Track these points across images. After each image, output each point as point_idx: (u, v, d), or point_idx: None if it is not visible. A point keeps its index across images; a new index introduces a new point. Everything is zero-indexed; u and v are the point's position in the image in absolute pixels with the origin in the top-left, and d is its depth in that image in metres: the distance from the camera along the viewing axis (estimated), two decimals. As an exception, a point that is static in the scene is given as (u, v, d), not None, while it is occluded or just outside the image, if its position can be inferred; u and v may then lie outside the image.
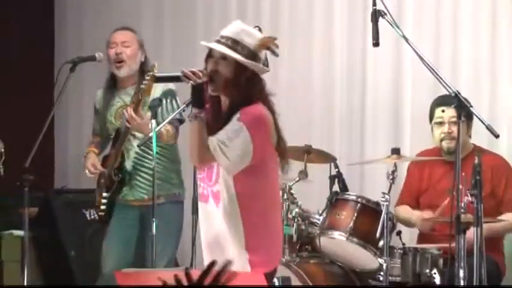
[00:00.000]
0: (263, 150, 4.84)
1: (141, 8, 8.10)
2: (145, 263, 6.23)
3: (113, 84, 6.58)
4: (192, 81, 4.78)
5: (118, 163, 6.37)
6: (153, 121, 5.74)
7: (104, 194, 6.44)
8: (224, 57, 4.82)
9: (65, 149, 8.02)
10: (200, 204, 5.08)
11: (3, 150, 6.60)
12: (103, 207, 6.45)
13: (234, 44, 4.88)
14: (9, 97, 7.60)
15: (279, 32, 7.11)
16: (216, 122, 4.85)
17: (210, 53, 4.90)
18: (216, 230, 4.98)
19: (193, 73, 4.75)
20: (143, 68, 6.39)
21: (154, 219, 5.87)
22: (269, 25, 6.91)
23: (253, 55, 4.87)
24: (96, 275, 6.61)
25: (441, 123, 6.05)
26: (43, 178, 7.24)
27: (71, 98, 7.24)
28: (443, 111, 6.01)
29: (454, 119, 5.88)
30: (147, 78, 5.82)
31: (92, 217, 7.20)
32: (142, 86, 5.88)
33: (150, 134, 5.82)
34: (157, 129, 5.82)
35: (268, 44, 4.93)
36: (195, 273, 4.72)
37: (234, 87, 4.86)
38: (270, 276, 4.95)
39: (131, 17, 7.94)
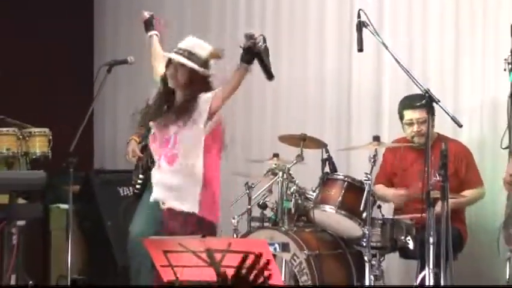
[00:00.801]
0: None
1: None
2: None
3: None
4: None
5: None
6: None
7: (140, 176, 6.48)
8: (182, 64, 5.28)
9: (102, 136, 8.00)
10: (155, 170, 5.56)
11: (51, 137, 6.66)
12: (138, 186, 6.48)
13: (190, 55, 5.34)
14: (56, 93, 7.60)
15: (280, 42, 7.19)
16: (172, 109, 5.40)
17: (170, 61, 5.38)
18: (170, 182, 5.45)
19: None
20: None
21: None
22: (272, 36, 6.85)
23: (204, 63, 5.35)
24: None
25: (411, 124, 6.06)
26: (84, 160, 7.24)
27: (107, 94, 7.22)
28: (412, 112, 6.04)
29: (421, 119, 5.92)
30: None
31: (125, 193, 7.24)
32: None
33: None
34: None
35: (216, 54, 5.39)
36: (211, 241, 4.79)
37: (188, 87, 5.34)
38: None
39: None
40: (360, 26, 5.69)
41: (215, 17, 7.74)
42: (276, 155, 6.32)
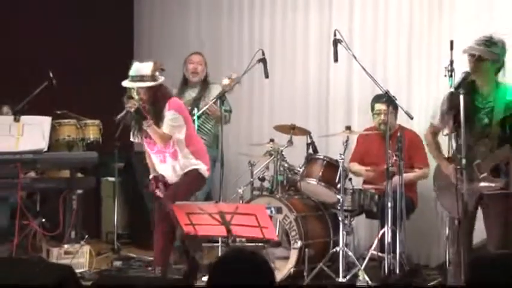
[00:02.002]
0: (187, 119, 5.50)
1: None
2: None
3: (184, 84, 6.59)
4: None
5: None
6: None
7: None
8: (141, 87, 5.38)
9: None
10: (161, 166, 5.58)
11: (101, 127, 6.67)
12: None
13: (141, 77, 5.42)
14: (104, 91, 7.51)
15: (275, 54, 7.15)
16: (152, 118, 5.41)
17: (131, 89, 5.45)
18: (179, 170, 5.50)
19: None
20: (205, 78, 6.51)
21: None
22: (269, 49, 6.82)
23: (153, 77, 5.40)
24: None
25: (378, 114, 6.07)
26: (126, 144, 7.18)
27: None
28: (379, 104, 6.03)
29: (385, 111, 5.89)
30: (228, 82, 6.03)
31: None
32: (226, 88, 6.07)
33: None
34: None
35: (157, 67, 5.49)
36: (222, 205, 4.82)
37: (154, 99, 5.43)
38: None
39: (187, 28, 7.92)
40: (336, 42, 5.75)
41: (226, 38, 7.65)
42: (272, 140, 6.32)
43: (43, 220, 6.33)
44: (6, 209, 6.31)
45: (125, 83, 5.48)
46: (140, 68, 5.48)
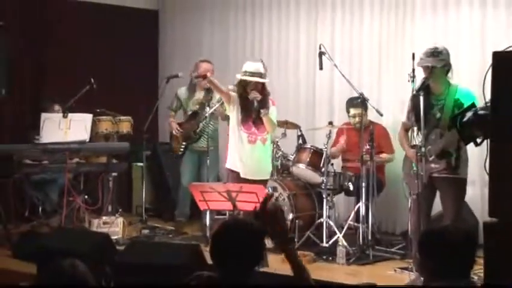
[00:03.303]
0: None
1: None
2: (202, 178, 6.23)
3: (192, 86, 6.51)
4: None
5: (196, 128, 6.40)
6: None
7: (183, 143, 6.49)
8: (260, 82, 5.27)
9: (163, 122, 7.77)
10: (247, 145, 5.29)
11: (132, 122, 6.69)
12: (181, 149, 6.49)
13: (260, 75, 5.25)
14: (136, 94, 7.50)
15: (271, 63, 7.05)
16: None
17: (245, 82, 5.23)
18: (259, 155, 5.32)
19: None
20: None
21: (208, 158, 6.05)
22: (266, 59, 6.70)
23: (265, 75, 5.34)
24: (179, 185, 6.72)
25: (354, 116, 6.02)
26: (153, 136, 7.27)
27: (166, 95, 7.22)
28: (353, 110, 6.01)
29: (359, 113, 5.88)
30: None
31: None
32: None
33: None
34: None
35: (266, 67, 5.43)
36: (229, 185, 4.84)
37: (265, 93, 5.33)
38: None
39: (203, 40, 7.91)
40: (321, 54, 5.76)
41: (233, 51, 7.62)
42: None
43: (86, 197, 6.37)
44: (57, 188, 6.38)
45: (246, 77, 5.28)
46: (258, 66, 5.34)
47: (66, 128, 5.98)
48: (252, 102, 5.26)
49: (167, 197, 7.26)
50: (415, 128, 4.85)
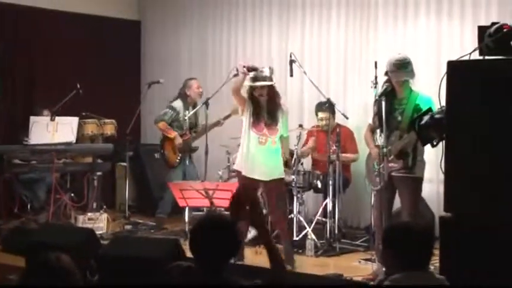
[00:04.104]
0: None
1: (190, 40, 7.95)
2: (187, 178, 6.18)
3: (185, 100, 6.36)
4: None
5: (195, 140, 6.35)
6: None
7: (180, 155, 6.31)
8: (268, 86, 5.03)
9: (145, 123, 7.87)
10: (259, 146, 5.01)
11: (116, 124, 6.65)
12: (177, 160, 6.33)
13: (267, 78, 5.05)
14: (119, 98, 7.46)
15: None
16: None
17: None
18: (270, 155, 5.03)
19: None
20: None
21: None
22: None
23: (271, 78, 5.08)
24: (161, 184, 6.64)
25: (321, 120, 6.01)
26: (135, 138, 7.26)
27: (148, 99, 7.18)
28: (321, 114, 6.02)
29: (326, 117, 5.90)
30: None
31: (158, 157, 7.19)
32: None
33: None
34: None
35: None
36: (207, 183, 4.81)
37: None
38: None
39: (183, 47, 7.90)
40: (291, 62, 5.75)
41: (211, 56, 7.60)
42: None
43: (72, 195, 6.32)
44: (44, 186, 6.32)
45: (250, 83, 5.00)
46: (263, 71, 5.07)
47: (53, 130, 5.95)
48: (262, 106, 5.06)
49: (149, 194, 7.23)
50: (378, 130, 4.88)
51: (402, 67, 4.70)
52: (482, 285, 2.91)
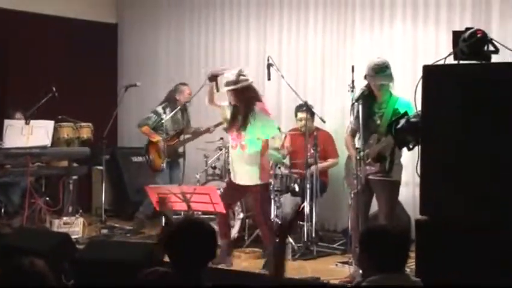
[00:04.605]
0: None
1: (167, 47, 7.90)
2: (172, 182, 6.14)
3: (174, 103, 6.30)
4: None
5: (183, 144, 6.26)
6: None
7: (166, 159, 6.22)
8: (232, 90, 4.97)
9: (121, 127, 7.82)
10: (232, 151, 5.04)
11: (93, 128, 6.61)
12: (163, 165, 6.23)
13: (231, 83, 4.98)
14: (96, 102, 7.41)
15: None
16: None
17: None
18: (240, 162, 4.99)
19: None
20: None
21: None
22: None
23: (236, 82, 4.96)
24: (138, 188, 6.56)
25: (300, 120, 6.00)
26: (112, 141, 7.20)
27: (125, 103, 7.14)
28: (300, 114, 6.01)
29: (305, 118, 5.88)
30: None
31: (135, 160, 7.14)
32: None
33: None
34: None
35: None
36: (184, 187, 4.78)
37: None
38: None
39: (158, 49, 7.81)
40: (269, 65, 5.76)
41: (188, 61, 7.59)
42: (221, 138, 6.26)
43: (47, 198, 6.26)
44: (19, 190, 6.25)
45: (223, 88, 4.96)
46: (228, 75, 5.01)
47: (28, 133, 5.89)
48: (237, 110, 5.03)
49: (126, 198, 7.20)
50: (357, 134, 4.91)
51: (379, 71, 4.73)
52: (457, 287, 2.94)
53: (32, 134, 5.90)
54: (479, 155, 3.03)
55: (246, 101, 4.99)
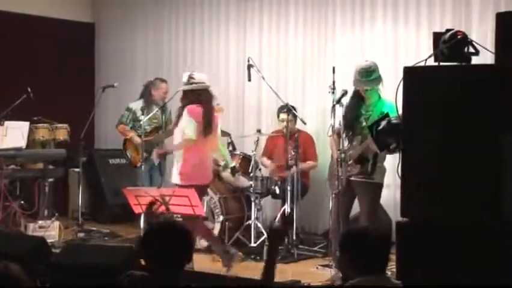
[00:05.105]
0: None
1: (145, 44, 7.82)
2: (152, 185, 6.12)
3: (150, 101, 6.30)
4: None
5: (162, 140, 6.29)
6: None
7: (145, 155, 6.06)
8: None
9: (99, 128, 7.82)
10: None
11: (69, 129, 6.56)
12: (139, 163, 6.11)
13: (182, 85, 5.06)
14: (73, 102, 7.37)
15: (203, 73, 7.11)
16: None
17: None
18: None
19: None
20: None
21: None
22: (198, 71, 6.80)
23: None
24: (115, 190, 6.56)
25: (282, 121, 5.97)
26: (89, 143, 7.15)
27: (102, 104, 7.12)
28: (283, 115, 5.97)
29: (287, 119, 5.90)
30: None
31: (112, 162, 7.12)
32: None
33: None
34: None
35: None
36: (163, 190, 4.76)
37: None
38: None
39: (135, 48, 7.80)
40: (249, 66, 5.78)
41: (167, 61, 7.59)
42: None
43: (22, 202, 6.20)
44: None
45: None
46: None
47: (2, 135, 5.86)
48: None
49: (103, 201, 7.16)
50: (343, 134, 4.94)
51: (365, 76, 4.76)
52: (437, 289, 2.97)
53: (7, 135, 5.87)
54: (460, 157, 3.06)
55: (182, 103, 5.08)
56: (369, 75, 4.76)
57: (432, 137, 3.12)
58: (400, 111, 3.28)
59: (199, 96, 5.05)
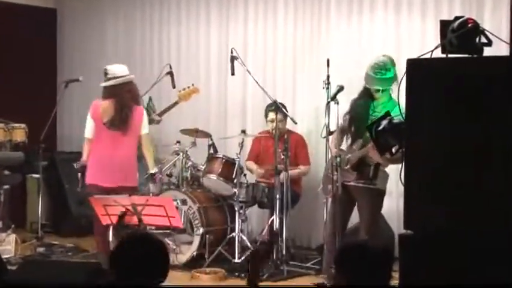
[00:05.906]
0: None
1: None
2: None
3: None
4: None
5: None
6: None
7: None
8: None
9: (61, 129, 7.78)
10: None
11: (27, 130, 6.52)
12: None
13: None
14: (31, 100, 7.35)
15: (180, 68, 7.03)
16: None
17: None
18: None
19: None
20: None
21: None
22: (175, 64, 6.78)
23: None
24: (80, 199, 6.51)
25: (272, 121, 5.96)
26: (50, 145, 7.10)
27: (65, 101, 7.08)
28: (272, 115, 5.95)
29: (279, 119, 5.85)
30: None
31: (77, 167, 7.07)
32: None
33: None
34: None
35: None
36: (135, 198, 4.74)
37: None
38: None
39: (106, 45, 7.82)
40: (233, 59, 5.77)
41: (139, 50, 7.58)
42: (178, 142, 6.26)
43: (-26, 212, 6.17)
44: None
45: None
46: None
47: (-48, 136, 5.79)
48: None
49: (66, 211, 7.11)
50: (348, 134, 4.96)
51: (379, 73, 4.75)
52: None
53: (-44, 136, 5.83)
54: (470, 161, 3.05)
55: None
56: (383, 73, 4.75)
57: (438, 137, 3.11)
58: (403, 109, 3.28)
59: (111, 90, 5.30)
